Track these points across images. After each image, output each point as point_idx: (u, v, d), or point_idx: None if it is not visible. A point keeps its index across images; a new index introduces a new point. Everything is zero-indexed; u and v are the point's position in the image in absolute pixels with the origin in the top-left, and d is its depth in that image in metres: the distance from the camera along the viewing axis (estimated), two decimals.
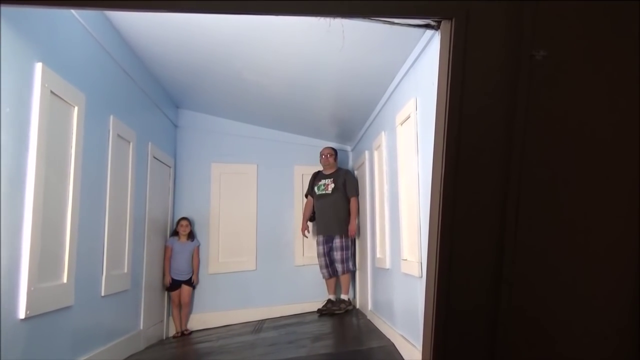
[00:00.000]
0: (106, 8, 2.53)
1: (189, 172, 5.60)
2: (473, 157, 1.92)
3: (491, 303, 1.98)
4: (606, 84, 1.93)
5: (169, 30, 3.57)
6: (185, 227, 5.20)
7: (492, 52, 1.89)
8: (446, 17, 1.87)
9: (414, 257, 3.14)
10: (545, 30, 1.86)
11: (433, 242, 2.02)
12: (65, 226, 2.84)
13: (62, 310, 2.80)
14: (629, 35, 1.89)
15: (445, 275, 1.96)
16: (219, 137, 5.71)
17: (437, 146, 2.01)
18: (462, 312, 2.00)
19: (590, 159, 1.95)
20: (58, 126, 2.76)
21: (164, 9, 1.98)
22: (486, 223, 1.97)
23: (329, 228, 5.20)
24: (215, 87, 4.84)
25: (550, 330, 2.01)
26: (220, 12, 1.92)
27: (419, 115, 3.05)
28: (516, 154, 1.91)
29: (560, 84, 1.91)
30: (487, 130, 1.93)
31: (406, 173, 3.38)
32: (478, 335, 2.02)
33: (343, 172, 5.32)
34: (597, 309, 1.99)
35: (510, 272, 1.95)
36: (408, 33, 2.55)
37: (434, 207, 2.01)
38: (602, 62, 1.92)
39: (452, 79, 1.87)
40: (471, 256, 1.99)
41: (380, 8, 1.88)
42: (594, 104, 1.92)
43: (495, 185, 1.94)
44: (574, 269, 1.97)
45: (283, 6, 1.87)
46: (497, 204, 1.94)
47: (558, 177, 1.95)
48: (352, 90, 4.25)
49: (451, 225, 1.94)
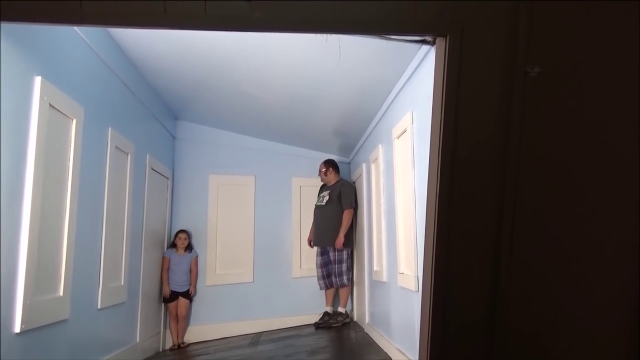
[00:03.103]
0: (107, 25, 2.56)
1: (187, 184, 5.60)
2: (468, 172, 1.94)
3: (487, 317, 1.98)
4: (600, 99, 1.95)
5: (167, 43, 3.60)
6: (184, 240, 5.20)
7: (487, 69, 1.91)
8: (441, 34, 1.90)
9: (410, 270, 3.14)
10: (540, 47, 1.89)
11: (429, 256, 2.03)
12: (62, 239, 2.84)
13: (58, 323, 2.78)
14: (623, 52, 1.92)
15: (441, 289, 1.97)
16: (217, 149, 5.72)
17: (432, 161, 2.03)
18: (458, 326, 2.00)
19: (585, 174, 1.96)
20: (56, 139, 2.77)
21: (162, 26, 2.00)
22: (482, 237, 1.98)
23: (320, 240, 5.24)
24: (214, 99, 4.86)
25: (546, 345, 2.01)
26: (219, 29, 1.95)
27: (416, 129, 3.07)
28: (511, 168, 1.92)
29: (554, 100, 1.93)
30: (481, 145, 1.95)
31: (403, 186, 3.39)
32: (474, 349, 2.02)
33: (340, 183, 5.30)
34: (593, 324, 1.99)
35: (507, 287, 1.95)
36: (405, 48, 2.58)
37: (430, 221, 2.03)
38: (596, 79, 1.94)
39: (446, 95, 1.90)
40: (467, 270, 1.99)
41: (376, 25, 1.91)
42: (588, 119, 1.94)
43: (491, 200, 1.95)
44: (569, 284, 1.98)
45: (281, 23, 1.90)
46: (493, 219, 1.96)
47: (553, 191, 1.97)
48: (350, 103, 4.28)
49: (447, 240, 1.95)
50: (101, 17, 1.87)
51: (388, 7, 1.87)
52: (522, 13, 1.86)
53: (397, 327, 3.54)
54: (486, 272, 1.95)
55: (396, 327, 3.56)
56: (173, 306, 5.12)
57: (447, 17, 1.87)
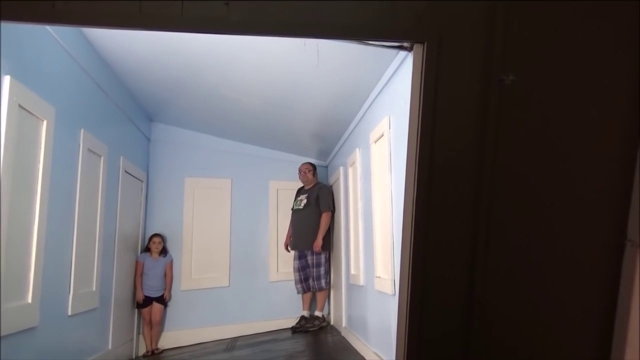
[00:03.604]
0: (80, 25, 2.49)
1: (162, 187, 5.51)
2: (445, 178, 1.96)
3: (463, 322, 2.00)
4: (573, 109, 1.99)
5: (143, 44, 3.54)
6: (158, 244, 5.11)
7: (463, 76, 1.93)
8: (418, 40, 1.91)
9: (387, 274, 3.15)
10: (515, 55, 1.92)
11: (405, 260, 2.03)
12: (31, 244, 2.76)
13: (26, 331, 2.69)
14: (599, 61, 1.97)
15: (418, 293, 1.98)
16: (193, 151, 5.65)
17: (409, 165, 2.04)
18: (434, 330, 2.02)
19: (556, 183, 2.00)
20: (25, 140, 2.69)
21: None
22: (458, 242, 1.99)
23: (298, 243, 5.22)
24: (190, 101, 4.80)
25: (521, 349, 2.04)
26: (197, 31, 1.92)
27: (393, 133, 3.09)
28: (486, 175, 1.95)
29: (529, 107, 1.96)
30: (458, 151, 1.97)
31: (380, 190, 3.41)
32: (451, 353, 2.03)
33: (318, 187, 5.29)
34: (563, 329, 2.03)
35: (482, 291, 1.97)
36: (383, 52, 2.59)
37: (407, 225, 2.03)
38: (571, 88, 1.98)
39: (424, 101, 1.91)
40: (443, 274, 2.01)
41: (354, 30, 1.91)
42: (561, 128, 1.98)
43: (467, 205, 1.97)
44: (544, 289, 2.01)
45: (259, 26, 1.88)
46: (469, 223, 1.98)
47: (526, 199, 2.00)
48: (328, 107, 4.28)
49: (423, 244, 1.96)
50: (74, 17, 1.82)
51: (366, 12, 1.88)
52: (498, 21, 1.89)
53: (374, 331, 3.55)
54: (462, 277, 1.97)
55: (373, 330, 3.57)
56: (147, 312, 5.02)
57: (424, 24, 1.89)
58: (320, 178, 5.57)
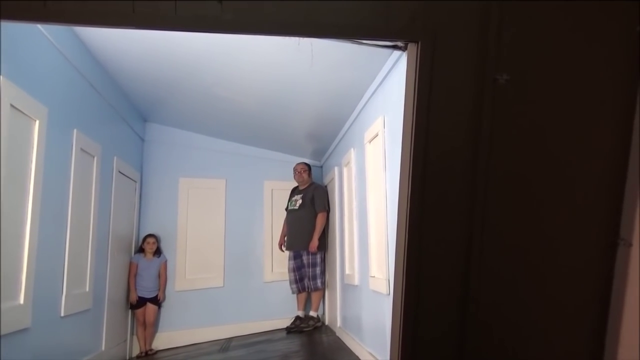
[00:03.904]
0: (73, 24, 2.47)
1: (156, 187, 5.48)
2: (439, 176, 1.96)
3: (458, 321, 2.00)
4: (566, 108, 2.00)
5: (136, 43, 3.52)
6: (152, 244, 5.08)
7: (457, 75, 1.94)
8: (413, 40, 1.91)
9: (381, 274, 3.15)
10: (508, 55, 1.93)
11: (400, 260, 2.04)
12: (23, 244, 2.73)
13: (18, 332, 2.67)
14: (592, 60, 1.98)
15: (412, 292, 1.98)
16: (187, 152, 5.63)
17: (404, 165, 2.04)
18: (429, 330, 2.02)
19: (550, 181, 2.01)
20: (17, 140, 2.66)
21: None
22: (453, 241, 2.00)
23: (294, 244, 5.19)
24: (184, 101, 4.79)
25: (515, 348, 2.05)
26: (190, 30, 1.91)
27: (387, 133, 3.09)
28: (481, 174, 1.95)
29: (523, 106, 1.97)
30: (452, 150, 1.97)
31: (374, 190, 3.41)
32: (445, 352, 2.04)
33: (313, 187, 5.27)
34: (557, 326, 2.04)
35: (477, 291, 1.98)
36: (376, 52, 2.59)
37: (401, 225, 2.04)
38: (565, 87, 1.99)
39: (418, 100, 1.91)
40: (438, 274, 2.01)
41: (348, 30, 1.92)
42: (554, 127, 1.99)
43: (462, 203, 1.98)
44: (538, 286, 2.02)
45: (253, 25, 1.88)
46: (464, 222, 1.98)
47: (520, 197, 2.01)
48: (322, 107, 4.28)
49: (418, 243, 1.97)
50: (66, 16, 1.81)
51: (361, 12, 1.88)
52: (492, 20, 1.90)
53: (368, 331, 3.55)
54: (457, 276, 1.98)
55: (367, 330, 3.57)
56: (140, 312, 4.99)
57: (419, 23, 1.89)
58: (315, 178, 5.56)
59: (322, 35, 2.03)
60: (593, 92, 1.98)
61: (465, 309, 1.97)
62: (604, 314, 2.00)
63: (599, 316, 2.00)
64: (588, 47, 1.98)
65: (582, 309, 2.02)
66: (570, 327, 2.02)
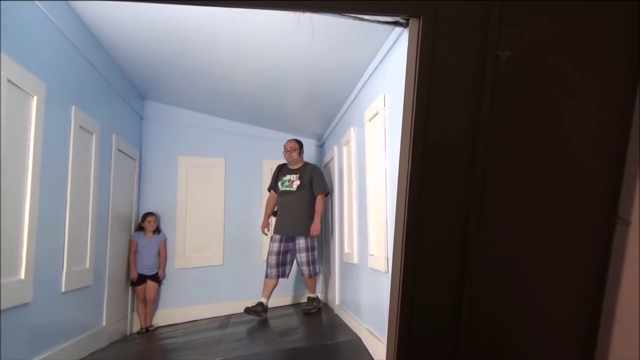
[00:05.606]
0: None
1: (155, 166, 5.48)
2: (439, 154, 1.96)
3: (455, 298, 2.02)
4: (570, 85, 1.99)
5: (135, 21, 3.47)
6: (152, 222, 5.10)
7: (459, 51, 1.92)
8: (414, 15, 1.89)
9: (380, 252, 3.17)
10: (510, 32, 1.91)
11: (399, 237, 2.05)
12: (23, 221, 2.74)
13: (20, 307, 2.70)
14: (594, 36, 1.96)
15: (411, 270, 1.99)
16: (186, 130, 5.61)
17: (404, 142, 2.04)
18: (426, 307, 2.04)
19: (550, 159, 2.01)
20: (15, 116, 2.65)
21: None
22: (451, 219, 2.01)
23: (291, 228, 4.81)
24: (183, 80, 4.75)
25: (510, 326, 2.07)
26: (187, 3, 1.88)
27: (387, 111, 3.07)
28: (481, 152, 1.95)
29: (524, 84, 1.96)
30: (453, 128, 1.96)
31: (374, 169, 3.41)
32: (441, 328, 2.06)
33: (310, 167, 5.01)
34: (552, 311, 2.06)
35: (474, 269, 1.99)
36: (377, 29, 2.56)
37: (400, 203, 2.04)
38: (566, 64, 1.98)
39: (419, 76, 1.90)
40: (436, 252, 2.02)
41: (349, 5, 1.89)
42: (555, 105, 1.98)
43: (461, 181, 1.98)
44: (535, 264, 2.04)
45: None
46: (462, 200, 1.99)
47: (520, 175, 2.01)
48: (322, 85, 4.25)
49: (417, 221, 1.97)
50: None
51: None
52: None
53: (366, 308, 3.59)
54: (455, 254, 1.99)
55: (366, 308, 3.61)
56: (141, 289, 5.04)
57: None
58: (315, 157, 5.51)
59: (323, 10, 2.01)
60: (595, 70, 1.97)
61: (462, 285, 1.99)
62: (600, 291, 2.03)
63: (596, 292, 2.02)
64: (591, 23, 1.96)
65: (579, 284, 2.03)
66: (566, 301, 2.05)
